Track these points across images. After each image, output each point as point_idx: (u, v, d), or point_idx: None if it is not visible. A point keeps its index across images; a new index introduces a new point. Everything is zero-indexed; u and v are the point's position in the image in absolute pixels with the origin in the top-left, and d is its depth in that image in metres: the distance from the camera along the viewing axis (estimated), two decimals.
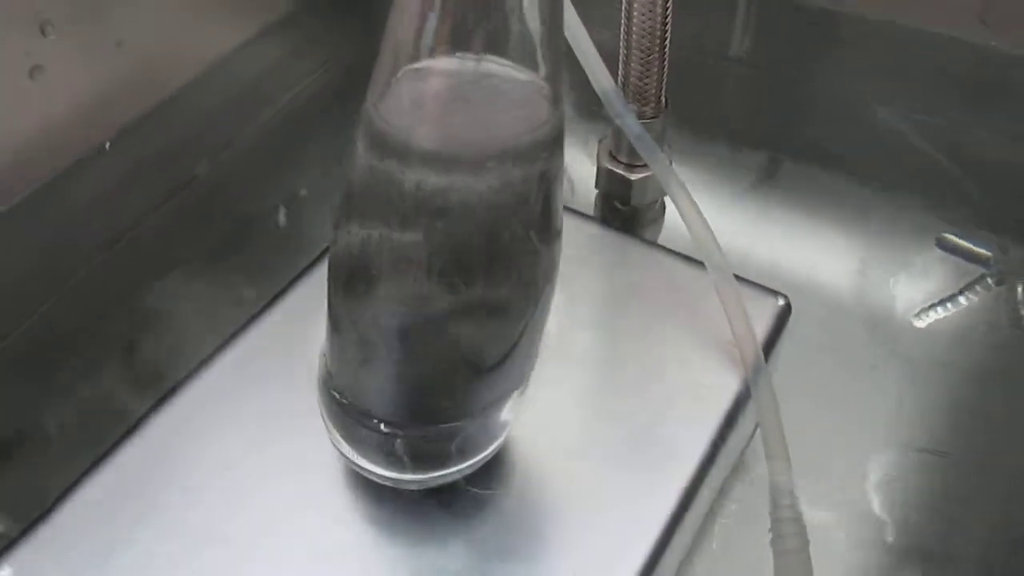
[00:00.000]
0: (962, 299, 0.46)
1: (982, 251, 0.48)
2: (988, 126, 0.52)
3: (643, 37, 0.40)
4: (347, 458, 0.31)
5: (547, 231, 0.25)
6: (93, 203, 0.43)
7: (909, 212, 0.50)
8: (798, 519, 0.32)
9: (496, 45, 0.22)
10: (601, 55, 0.37)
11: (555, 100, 0.24)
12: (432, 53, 0.22)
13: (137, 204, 0.46)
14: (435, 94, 0.23)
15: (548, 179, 0.24)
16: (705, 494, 0.34)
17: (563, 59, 0.24)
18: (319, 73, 0.56)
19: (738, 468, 0.39)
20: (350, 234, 0.26)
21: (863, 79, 0.54)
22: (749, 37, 0.55)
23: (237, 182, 0.51)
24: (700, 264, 0.36)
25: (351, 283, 0.27)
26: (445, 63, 0.22)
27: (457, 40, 0.22)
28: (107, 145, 0.43)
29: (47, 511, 0.31)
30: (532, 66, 0.23)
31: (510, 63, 0.22)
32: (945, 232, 0.48)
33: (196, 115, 0.47)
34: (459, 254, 0.24)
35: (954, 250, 0.48)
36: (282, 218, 0.51)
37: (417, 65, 0.23)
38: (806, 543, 0.32)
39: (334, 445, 0.31)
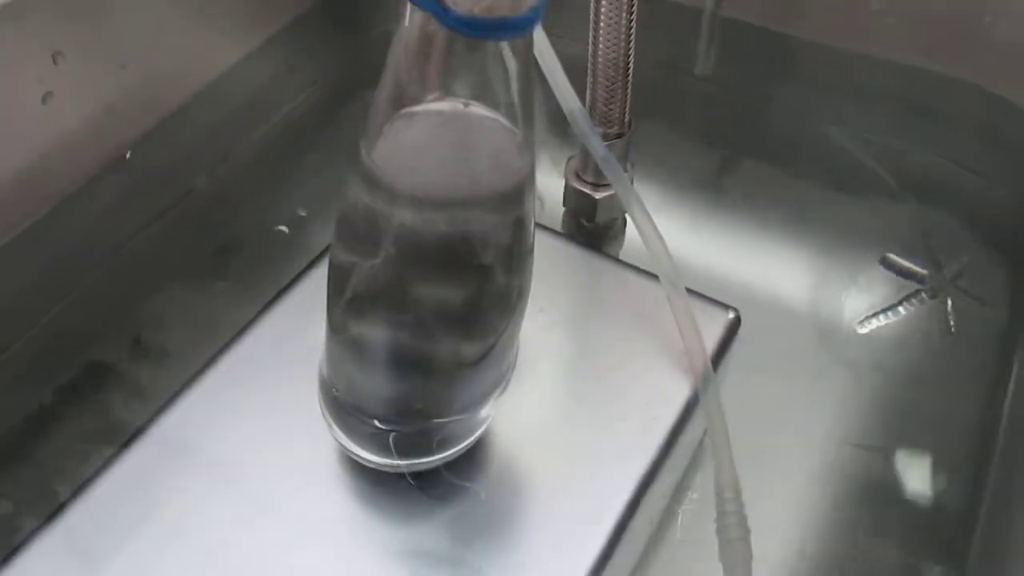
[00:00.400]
0: (901, 310, 0.50)
1: (919, 269, 0.52)
2: (931, 149, 0.55)
3: (608, 67, 0.43)
4: (341, 445, 0.34)
5: (519, 262, 0.28)
6: (100, 216, 0.46)
7: (856, 230, 0.53)
8: (739, 511, 0.35)
9: (477, 97, 0.25)
10: (571, 68, 0.39)
11: (527, 149, 0.26)
12: (418, 102, 0.25)
13: (140, 216, 0.49)
14: (420, 145, 0.26)
15: (520, 219, 0.27)
16: (661, 486, 0.37)
17: (535, 111, 0.27)
18: (311, 90, 0.58)
19: (700, 463, 0.43)
20: (341, 254, 0.29)
21: (817, 101, 0.57)
22: (713, 57, 0.58)
23: (234, 194, 0.54)
24: (657, 278, 0.39)
25: (343, 297, 0.30)
26: (429, 114, 0.25)
27: (442, 90, 0.25)
28: (127, 154, 0.46)
29: (74, 495, 0.35)
30: (509, 117, 0.26)
31: (490, 112, 0.25)
32: (887, 252, 0.52)
33: (194, 131, 0.50)
34: (438, 283, 0.27)
35: (894, 267, 0.52)
36: (277, 227, 0.53)
37: (405, 111, 0.25)
38: (747, 532, 0.35)
39: (330, 433, 0.34)
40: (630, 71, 0.43)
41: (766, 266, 0.52)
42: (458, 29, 0.22)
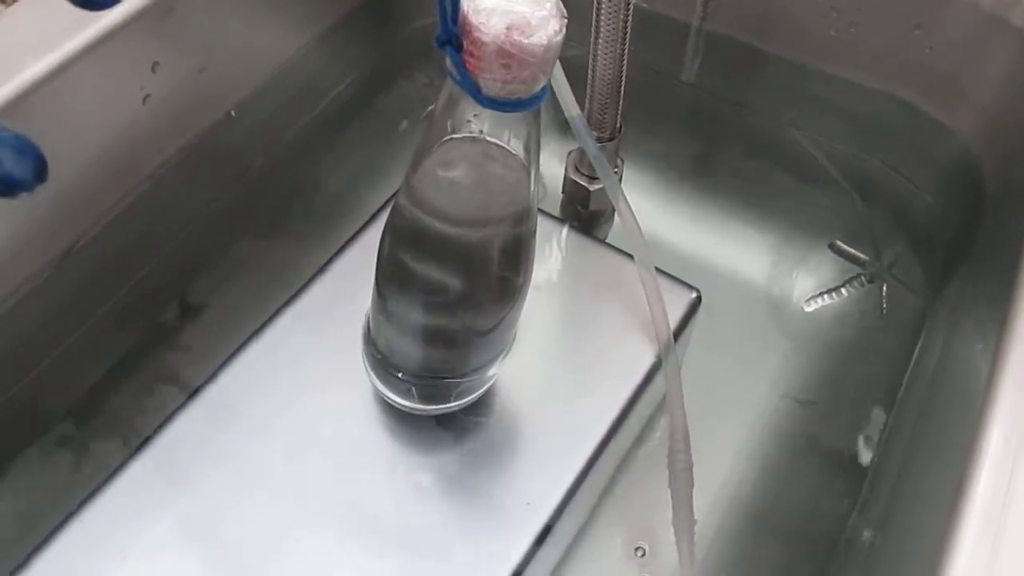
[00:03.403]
0: (843, 292, 0.59)
1: (861, 255, 0.60)
2: (874, 155, 0.62)
3: (604, 84, 0.49)
4: (379, 391, 0.43)
5: (524, 261, 0.36)
6: (179, 194, 0.54)
7: (810, 220, 0.61)
8: (686, 450, 0.44)
9: (498, 137, 0.32)
10: (571, 70, 0.44)
11: (535, 178, 0.34)
12: (453, 139, 0.33)
13: (209, 192, 0.58)
14: (451, 172, 0.33)
15: (526, 230, 0.35)
16: (628, 429, 0.46)
17: (540, 148, 0.34)
18: (352, 80, 0.65)
19: (661, 416, 0.52)
20: (390, 245, 0.37)
21: (783, 107, 0.63)
22: (697, 66, 0.65)
23: (287, 171, 0.62)
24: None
25: (388, 279, 0.38)
26: (460, 148, 0.33)
27: (472, 131, 0.32)
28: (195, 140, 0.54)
29: (156, 431, 0.42)
30: (521, 153, 0.33)
31: (507, 148, 0.32)
32: (835, 239, 0.60)
33: (253, 119, 0.58)
34: (460, 275, 0.35)
35: (841, 253, 0.60)
36: (322, 197, 0.61)
37: (442, 144, 0.33)
38: (690, 465, 0.44)
39: (370, 382, 0.43)
40: (622, 87, 0.50)
41: (730, 249, 0.60)
42: (488, 106, 0.30)
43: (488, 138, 0.33)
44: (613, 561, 0.49)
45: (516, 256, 0.36)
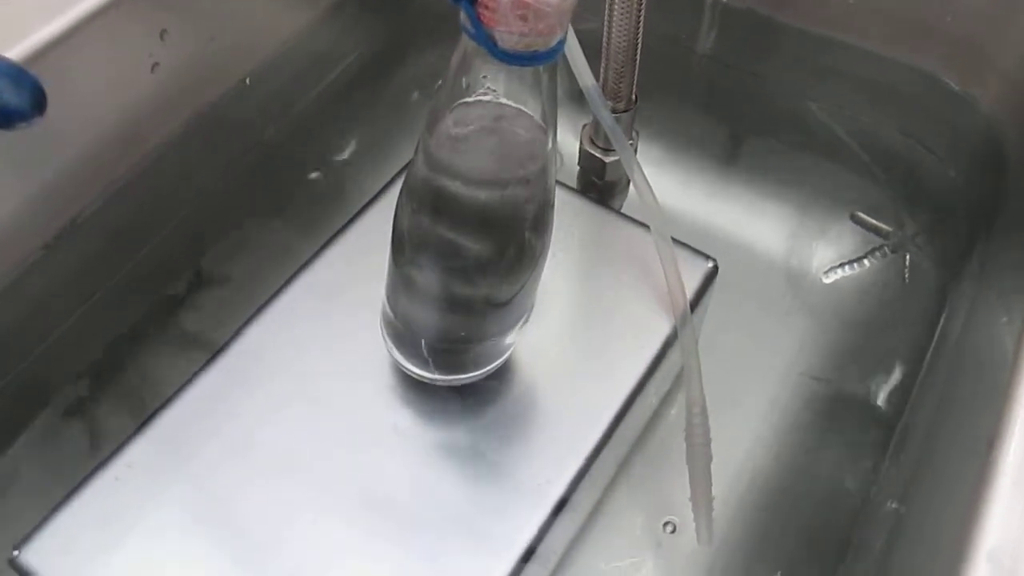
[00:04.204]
0: (865, 262, 0.58)
1: (883, 226, 0.59)
2: (895, 127, 0.61)
3: (619, 53, 0.49)
4: (396, 360, 0.42)
5: (542, 226, 0.36)
6: (191, 161, 0.54)
7: (830, 192, 0.60)
8: (704, 423, 0.43)
9: (514, 97, 0.32)
10: (587, 43, 0.43)
11: (552, 138, 0.33)
12: (469, 99, 0.32)
13: (222, 160, 0.57)
14: (467, 133, 0.33)
15: (544, 193, 0.34)
16: (644, 401, 0.45)
17: (557, 108, 0.33)
18: (359, 54, 0.65)
19: (678, 389, 0.51)
20: (407, 210, 0.36)
21: (800, 79, 0.63)
22: (713, 37, 0.64)
23: (298, 143, 0.61)
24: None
25: (405, 243, 0.37)
26: (476, 108, 0.32)
27: (488, 91, 0.31)
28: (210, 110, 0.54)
29: (165, 403, 0.42)
30: (538, 113, 0.32)
31: (523, 108, 0.32)
32: (857, 210, 0.60)
33: (264, 91, 0.58)
34: (477, 240, 0.35)
35: (862, 224, 0.59)
36: (333, 169, 0.61)
37: (458, 105, 0.32)
38: (708, 440, 0.43)
39: (388, 351, 0.42)
40: (637, 57, 0.50)
41: (747, 220, 0.59)
42: (504, 60, 0.30)
43: (504, 98, 0.32)
44: (632, 536, 0.48)
45: (534, 219, 0.36)
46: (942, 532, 0.36)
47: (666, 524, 0.48)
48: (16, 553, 0.39)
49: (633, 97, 0.52)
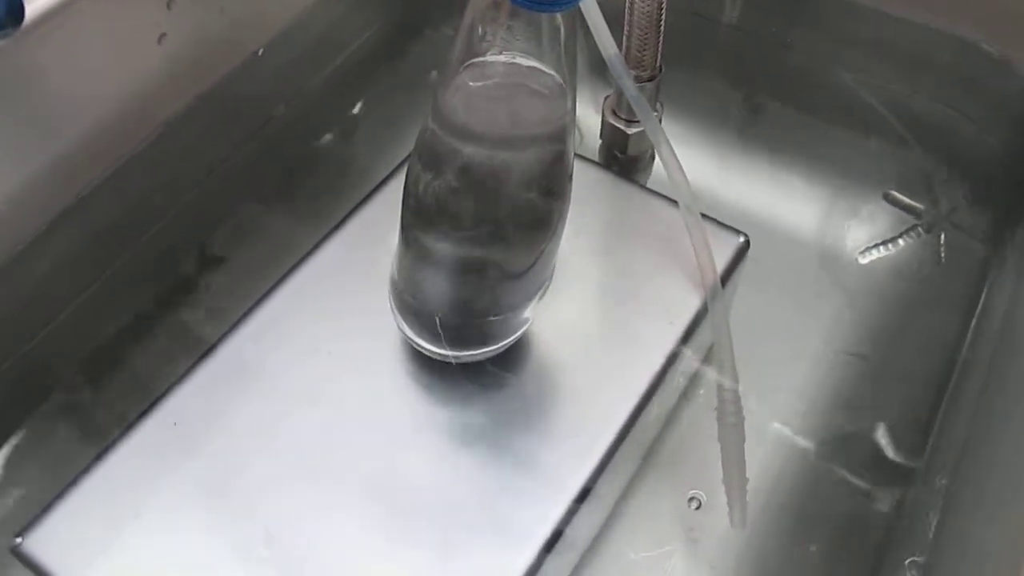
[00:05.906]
0: (900, 242, 0.56)
1: (917, 204, 0.57)
2: (932, 97, 0.59)
3: (643, 18, 0.47)
4: (406, 336, 0.40)
5: (559, 189, 0.34)
6: (200, 136, 0.52)
7: (863, 168, 0.58)
8: (736, 401, 0.41)
9: (532, 52, 0.30)
10: (609, 13, 0.41)
11: (570, 96, 0.32)
12: (484, 55, 0.30)
13: (231, 138, 0.55)
14: (482, 90, 0.31)
15: (562, 154, 0.33)
16: (673, 381, 0.43)
17: (577, 63, 0.32)
18: (373, 30, 0.63)
19: (708, 367, 0.48)
20: (418, 175, 0.34)
21: (832, 49, 0.61)
22: (739, 6, 0.62)
23: (307, 121, 0.60)
24: (678, 204, 0.44)
25: (414, 211, 0.35)
26: (492, 65, 0.30)
27: (504, 46, 0.30)
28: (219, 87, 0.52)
29: (170, 387, 0.41)
30: (557, 70, 0.31)
31: (541, 65, 0.30)
32: (891, 189, 0.57)
33: (275, 67, 0.56)
34: (492, 204, 0.33)
35: (896, 202, 0.57)
36: (344, 149, 0.59)
37: (473, 62, 0.31)
38: (741, 419, 0.41)
39: (398, 326, 0.41)
40: (662, 21, 0.48)
41: (778, 196, 0.57)
42: (523, 5, 0.28)
43: (520, 54, 0.30)
44: (662, 523, 0.46)
45: (552, 182, 0.34)
46: (993, 511, 0.34)
47: (697, 506, 0.46)
48: (19, 541, 0.37)
49: (658, 66, 0.51)
